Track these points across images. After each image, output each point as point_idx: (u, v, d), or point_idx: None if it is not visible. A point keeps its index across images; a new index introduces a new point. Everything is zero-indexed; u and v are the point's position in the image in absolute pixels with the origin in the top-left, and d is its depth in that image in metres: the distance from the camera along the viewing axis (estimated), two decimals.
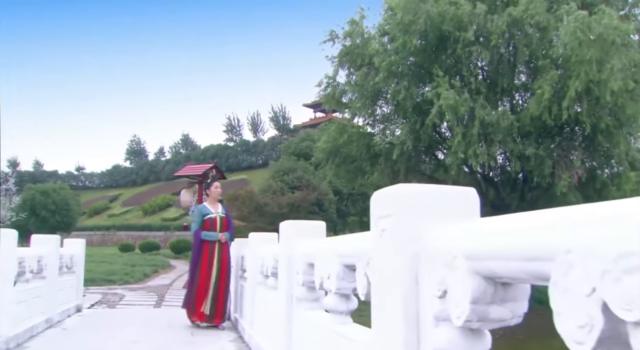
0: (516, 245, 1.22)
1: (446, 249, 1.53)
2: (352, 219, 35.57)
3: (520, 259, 1.21)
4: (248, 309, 5.87)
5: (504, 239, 1.29)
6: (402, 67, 13.62)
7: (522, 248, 1.20)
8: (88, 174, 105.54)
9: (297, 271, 3.54)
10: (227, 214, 6.79)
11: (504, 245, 1.27)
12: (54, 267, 7.06)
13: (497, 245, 1.30)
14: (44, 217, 46.08)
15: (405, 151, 13.93)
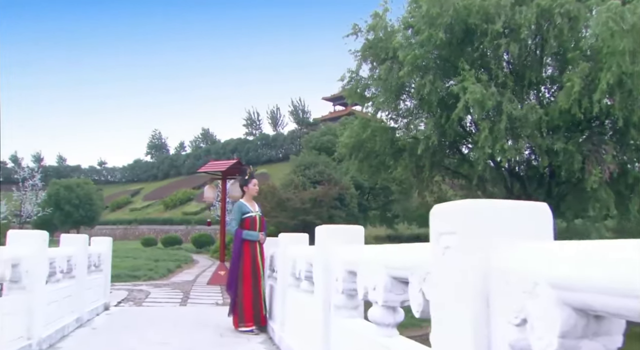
0: (621, 279, 1.09)
1: (524, 273, 1.40)
2: (373, 213, 35.46)
3: (625, 295, 1.08)
4: (278, 311, 5.79)
5: (603, 270, 1.15)
6: (427, 61, 13.38)
7: (630, 283, 1.07)
8: (110, 168, 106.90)
9: (336, 278, 3.44)
10: (262, 212, 6.64)
11: (605, 277, 1.14)
12: (82, 266, 7.07)
13: (595, 276, 1.17)
14: (68, 212, 46.75)
15: (430, 146, 13.72)
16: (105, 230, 66.31)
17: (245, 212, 6.41)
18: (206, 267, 20.84)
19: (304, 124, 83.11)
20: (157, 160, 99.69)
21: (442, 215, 1.80)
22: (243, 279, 6.20)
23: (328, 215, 23.08)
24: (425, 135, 13.62)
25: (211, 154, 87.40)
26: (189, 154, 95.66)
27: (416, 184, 18.11)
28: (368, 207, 32.97)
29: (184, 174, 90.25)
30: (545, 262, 1.34)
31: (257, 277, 6.23)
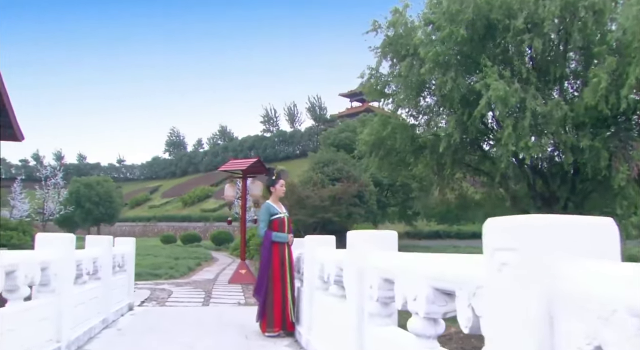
0: None
1: (599, 297, 1.31)
2: (392, 210, 35.27)
3: None
4: (306, 314, 5.73)
5: None
6: (448, 58, 13.19)
7: None
8: (129, 165, 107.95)
9: (371, 285, 3.36)
10: (288, 213, 6.60)
11: None
12: (108, 267, 7.10)
13: None
14: (88, 209, 47.33)
15: (452, 144, 13.54)
16: (124, 228, 67.05)
17: (273, 214, 6.33)
18: (226, 265, 20.89)
19: (321, 121, 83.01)
20: (175, 158, 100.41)
21: (498, 230, 1.71)
22: (273, 282, 6.11)
23: (347, 212, 23.00)
24: (447, 132, 13.44)
25: (229, 151, 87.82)
26: (207, 151, 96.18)
27: (437, 181, 17.92)
28: (387, 204, 32.77)
29: (201, 171, 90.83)
30: (623, 287, 1.25)
31: (285, 280, 6.15)
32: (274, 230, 6.25)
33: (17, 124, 14.19)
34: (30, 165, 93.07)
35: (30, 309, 4.42)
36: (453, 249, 33.35)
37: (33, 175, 79.45)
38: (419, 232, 41.94)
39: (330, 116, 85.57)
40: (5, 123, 13.94)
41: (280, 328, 6.11)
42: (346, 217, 23.15)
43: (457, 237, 41.52)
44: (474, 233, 42.15)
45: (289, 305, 6.14)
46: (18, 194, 33.31)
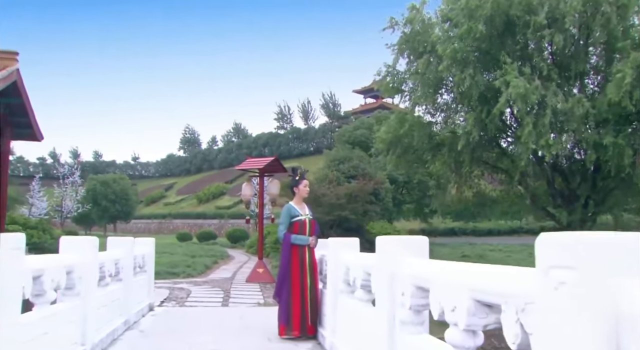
0: None
1: None
2: (407, 207, 35.13)
3: None
4: (329, 317, 5.67)
5: None
6: (466, 54, 13.03)
7: None
8: (144, 163, 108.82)
9: (402, 292, 3.29)
10: (313, 215, 6.41)
11: None
12: (129, 268, 7.10)
13: None
14: (105, 207, 47.66)
15: (470, 142, 13.39)
16: (140, 225, 67.63)
17: (294, 215, 6.20)
18: (242, 263, 20.95)
19: (335, 117, 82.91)
20: (190, 155, 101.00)
21: (554, 246, 1.64)
22: (292, 285, 6.02)
23: (363, 210, 22.89)
24: (466, 130, 13.28)
25: (243, 148, 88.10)
26: (221, 149, 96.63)
27: (454, 179, 17.77)
28: (402, 201, 32.64)
29: (216, 168, 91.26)
30: None
31: (304, 284, 6.04)
32: (293, 233, 6.15)
33: (36, 125, 14.30)
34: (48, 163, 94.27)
35: (59, 312, 4.42)
36: (469, 246, 33.16)
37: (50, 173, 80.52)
38: (434, 229, 41.72)
39: (344, 113, 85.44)
40: (26, 123, 14.05)
41: (299, 332, 6.01)
42: (362, 215, 23.05)
43: (473, 234, 41.24)
44: (489, 230, 41.87)
45: (309, 308, 6.04)
46: (36, 192, 33.69)
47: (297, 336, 6.02)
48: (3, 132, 13.65)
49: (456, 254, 28.26)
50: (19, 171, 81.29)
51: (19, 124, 14.13)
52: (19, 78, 12.94)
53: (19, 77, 12.94)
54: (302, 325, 6.02)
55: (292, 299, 6.01)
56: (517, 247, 31.11)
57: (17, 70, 12.76)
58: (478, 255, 26.81)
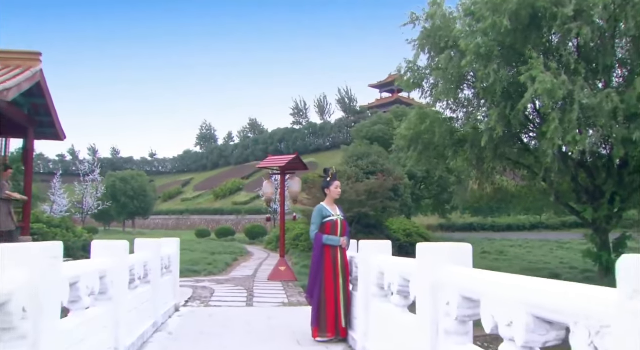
0: None
1: None
2: (425, 202, 34.91)
3: None
4: (361, 320, 5.60)
5: None
6: (490, 49, 12.80)
7: None
8: (161, 159, 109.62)
9: (448, 302, 3.20)
10: (344, 216, 6.34)
11: None
12: (157, 270, 7.09)
13: None
14: (124, 203, 48.13)
15: (494, 138, 13.19)
16: (158, 221, 68.19)
17: (325, 216, 6.16)
18: (262, 260, 20.94)
19: (352, 112, 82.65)
20: (207, 151, 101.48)
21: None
22: (325, 286, 5.97)
23: (382, 206, 22.75)
24: (489, 126, 13.07)
25: (259, 144, 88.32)
26: (237, 144, 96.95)
27: (476, 175, 17.57)
28: (421, 197, 32.43)
29: (232, 164, 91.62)
30: None
31: (337, 285, 5.98)
32: (325, 233, 6.10)
33: (59, 124, 14.41)
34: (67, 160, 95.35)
35: (94, 318, 4.40)
36: (488, 242, 32.89)
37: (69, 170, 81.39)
38: (452, 224, 41.47)
39: (360, 107, 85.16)
40: (49, 123, 14.16)
41: (333, 334, 5.97)
42: (381, 211, 22.93)
43: (492, 230, 40.88)
44: (508, 225, 41.46)
45: (341, 310, 5.98)
46: (57, 189, 34.04)
47: (331, 338, 5.97)
48: (27, 131, 13.77)
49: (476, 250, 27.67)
50: (39, 168, 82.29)
51: (42, 123, 14.26)
52: (42, 78, 13.04)
53: (42, 77, 13.03)
54: (335, 326, 5.97)
55: (325, 300, 5.97)
56: (537, 243, 30.79)
57: (41, 70, 12.85)
58: (498, 252, 26.57)
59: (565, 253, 25.85)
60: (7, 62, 12.61)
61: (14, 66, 12.46)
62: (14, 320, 2.89)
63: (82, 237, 16.16)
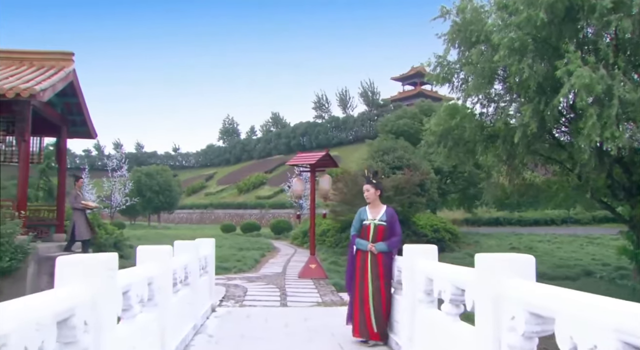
0: None
1: None
2: (451, 197, 34.61)
3: None
4: (404, 325, 5.52)
5: None
6: (524, 44, 12.51)
7: None
8: (184, 153, 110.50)
9: (513, 316, 3.09)
10: (388, 220, 6.11)
11: None
12: (196, 272, 7.10)
13: None
14: (149, 198, 48.58)
15: (528, 134, 12.92)
16: (182, 215, 68.91)
17: (363, 219, 6.19)
18: (290, 256, 20.97)
19: (374, 106, 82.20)
20: (229, 145, 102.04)
21: None
22: (355, 288, 6.07)
23: (409, 202, 22.60)
24: (523, 122, 12.80)
25: (281, 137, 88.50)
26: (260, 138, 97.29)
27: (506, 171, 17.28)
28: (447, 191, 32.15)
29: (255, 158, 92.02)
30: None
31: (365, 289, 5.97)
32: (360, 237, 6.16)
33: (91, 123, 14.57)
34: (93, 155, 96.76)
35: (144, 325, 4.41)
36: (515, 236, 32.51)
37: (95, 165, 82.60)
38: (478, 219, 41.04)
39: (382, 101, 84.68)
40: (81, 122, 14.33)
41: (358, 334, 6.02)
42: (408, 207, 22.77)
43: (519, 224, 40.34)
44: (535, 220, 40.86)
45: (370, 314, 5.94)
46: (86, 185, 34.49)
47: (356, 337, 6.03)
48: (61, 130, 13.95)
49: (504, 245, 27.71)
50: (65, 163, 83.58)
51: (75, 122, 14.45)
52: (75, 78, 13.19)
53: (75, 77, 13.19)
54: (361, 328, 5.98)
55: (355, 304, 6.08)
56: (566, 238, 30.29)
57: (74, 70, 13.00)
58: (527, 247, 26.20)
59: (597, 249, 25.41)
60: (41, 63, 12.78)
61: (48, 66, 12.63)
62: (77, 334, 2.88)
63: (113, 235, 16.37)
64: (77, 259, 3.20)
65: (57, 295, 2.77)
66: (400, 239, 6.11)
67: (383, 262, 6.02)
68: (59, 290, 2.87)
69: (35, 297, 2.56)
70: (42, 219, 13.82)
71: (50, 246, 12.08)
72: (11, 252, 9.50)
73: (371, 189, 6.29)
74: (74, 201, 12.16)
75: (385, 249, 5.99)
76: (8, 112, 10.96)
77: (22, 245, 9.99)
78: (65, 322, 2.80)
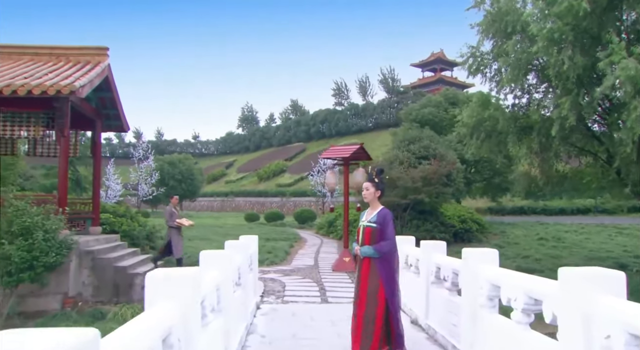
0: None
1: None
2: (476, 186, 34.32)
3: None
4: (465, 329, 5.49)
5: None
6: (564, 34, 12.24)
7: None
8: (204, 141, 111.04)
9: (608, 335, 3.04)
10: (378, 222, 5.29)
11: None
12: (246, 272, 7.14)
13: None
14: (172, 186, 48.92)
15: (566, 127, 12.70)
16: (203, 203, 69.36)
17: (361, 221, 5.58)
18: (317, 246, 20.99)
19: (394, 92, 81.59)
20: (249, 133, 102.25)
21: None
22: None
23: (436, 192, 22.43)
24: (562, 115, 12.57)
25: (301, 125, 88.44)
26: (279, 126, 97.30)
27: (539, 163, 17.07)
28: (472, 181, 31.88)
29: (274, 145, 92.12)
30: None
31: (358, 297, 5.34)
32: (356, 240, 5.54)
33: (124, 117, 14.66)
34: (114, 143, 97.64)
35: (214, 331, 4.44)
36: (541, 226, 32.11)
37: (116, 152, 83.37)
38: (502, 208, 40.68)
39: (402, 87, 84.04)
40: (115, 116, 14.42)
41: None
42: (435, 197, 22.61)
43: (544, 213, 39.88)
44: (561, 209, 40.37)
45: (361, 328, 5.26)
46: (111, 174, 34.86)
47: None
48: (95, 124, 14.06)
49: (531, 235, 27.41)
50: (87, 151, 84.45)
51: (108, 116, 14.55)
52: (110, 73, 13.27)
53: (110, 72, 13.25)
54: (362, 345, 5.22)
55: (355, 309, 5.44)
56: (594, 228, 29.83)
57: (108, 65, 13.05)
58: (555, 238, 25.87)
59: (627, 240, 25.00)
60: (77, 58, 12.86)
61: (84, 62, 12.71)
62: None
63: (146, 227, 16.52)
64: (168, 275, 3.21)
65: (158, 317, 2.78)
66: (392, 243, 5.26)
67: (373, 267, 5.23)
68: (157, 311, 2.88)
69: (142, 322, 2.57)
70: (78, 213, 13.98)
71: (89, 240, 12.25)
72: (57, 248, 9.63)
73: (371, 188, 5.46)
74: (169, 219, 12.46)
75: (372, 254, 5.20)
76: (48, 108, 11.06)
77: (66, 240, 10.13)
78: (164, 342, 2.82)
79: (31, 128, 11.17)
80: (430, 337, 6.69)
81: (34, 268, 9.34)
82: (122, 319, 9.45)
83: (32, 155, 14.24)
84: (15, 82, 10.41)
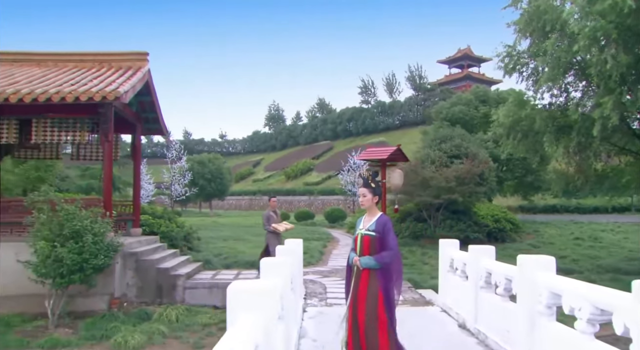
0: None
1: None
2: (507, 184, 33.94)
3: None
4: (522, 336, 5.48)
5: None
6: (607, 33, 12.04)
7: None
8: (230, 140, 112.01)
9: None
10: (377, 230, 4.89)
11: None
12: (296, 277, 7.21)
13: None
14: (201, 186, 49.55)
15: (608, 127, 12.50)
16: (231, 201, 69.99)
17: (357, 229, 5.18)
18: (347, 246, 21.03)
19: (421, 90, 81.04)
20: (275, 131, 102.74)
21: None
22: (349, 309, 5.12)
23: (469, 192, 22.27)
24: (604, 115, 12.38)
25: (327, 123, 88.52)
26: (306, 124, 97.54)
27: (577, 162, 16.83)
28: (504, 179, 31.54)
29: (301, 144, 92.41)
30: None
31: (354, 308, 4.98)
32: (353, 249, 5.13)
33: (163, 120, 14.91)
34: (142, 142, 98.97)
35: (280, 339, 4.52)
36: (575, 225, 31.54)
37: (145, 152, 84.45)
38: (533, 206, 40.11)
39: (429, 84, 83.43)
40: (154, 119, 14.69)
41: None
42: (468, 197, 22.46)
43: (577, 212, 39.18)
44: (595, 207, 39.60)
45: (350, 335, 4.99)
46: (144, 174, 35.40)
47: None
48: (135, 128, 14.35)
49: (566, 235, 26.98)
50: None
51: (147, 119, 14.81)
52: (150, 77, 13.50)
53: (150, 76, 13.48)
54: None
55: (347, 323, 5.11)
56: (630, 227, 29.20)
57: (149, 70, 13.29)
58: (591, 237, 25.41)
59: None
60: (119, 63, 13.13)
61: (125, 67, 12.97)
62: None
63: (183, 228, 16.79)
64: (251, 288, 3.29)
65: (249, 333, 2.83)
66: (395, 254, 4.88)
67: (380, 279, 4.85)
68: (244, 328, 2.90)
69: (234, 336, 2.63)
70: (119, 214, 14.26)
71: (132, 241, 12.50)
72: (104, 250, 9.87)
73: (368, 194, 5.06)
74: (266, 223, 11.77)
75: (372, 265, 4.82)
76: (93, 113, 11.32)
77: (112, 243, 10.37)
78: None
79: (77, 133, 11.44)
80: (480, 342, 6.68)
81: (83, 270, 9.59)
82: (167, 320, 9.68)
83: (76, 158, 14.57)
84: (64, 89, 10.69)
